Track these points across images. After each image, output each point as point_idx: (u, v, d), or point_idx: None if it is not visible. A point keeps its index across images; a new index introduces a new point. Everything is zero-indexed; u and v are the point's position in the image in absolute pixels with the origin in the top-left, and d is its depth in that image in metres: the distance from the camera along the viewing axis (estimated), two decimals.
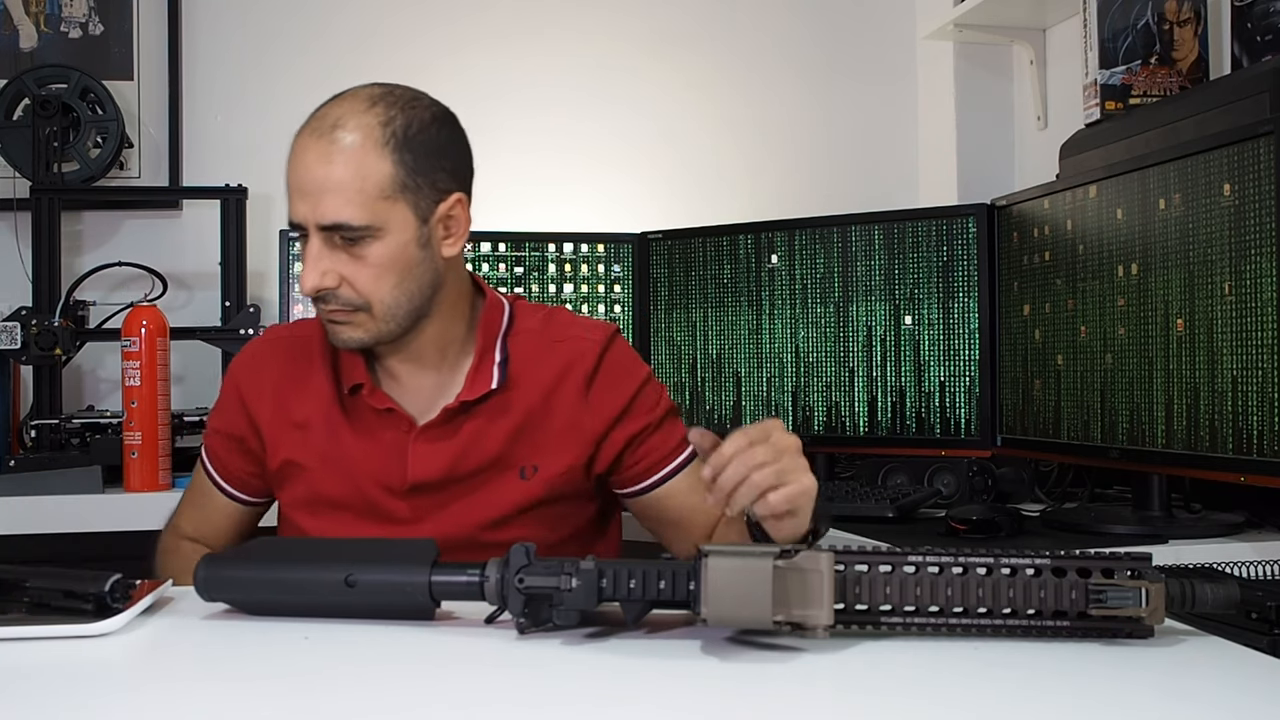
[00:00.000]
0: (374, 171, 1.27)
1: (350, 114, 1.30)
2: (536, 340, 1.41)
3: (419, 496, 1.37)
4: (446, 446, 1.36)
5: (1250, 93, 1.68)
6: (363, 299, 1.29)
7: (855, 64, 2.86)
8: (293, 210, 1.29)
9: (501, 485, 1.38)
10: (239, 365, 1.46)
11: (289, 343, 1.44)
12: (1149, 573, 0.91)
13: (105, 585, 0.97)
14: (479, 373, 1.37)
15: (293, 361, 1.42)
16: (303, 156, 1.28)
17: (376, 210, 1.27)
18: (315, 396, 1.39)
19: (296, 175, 1.29)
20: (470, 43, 2.72)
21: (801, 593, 0.88)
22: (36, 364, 2.29)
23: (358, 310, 1.30)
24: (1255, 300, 1.49)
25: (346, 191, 1.26)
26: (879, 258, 2.14)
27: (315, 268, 1.28)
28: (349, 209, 1.26)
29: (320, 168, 1.26)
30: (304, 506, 1.40)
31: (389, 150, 1.28)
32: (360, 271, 1.28)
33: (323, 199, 1.26)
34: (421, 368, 1.39)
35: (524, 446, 1.38)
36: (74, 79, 2.49)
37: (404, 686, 0.83)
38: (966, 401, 2.05)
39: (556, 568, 0.93)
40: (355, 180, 1.26)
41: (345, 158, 1.26)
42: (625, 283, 2.42)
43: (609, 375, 1.41)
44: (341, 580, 0.98)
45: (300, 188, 1.28)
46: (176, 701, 0.79)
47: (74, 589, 0.98)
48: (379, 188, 1.27)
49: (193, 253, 2.61)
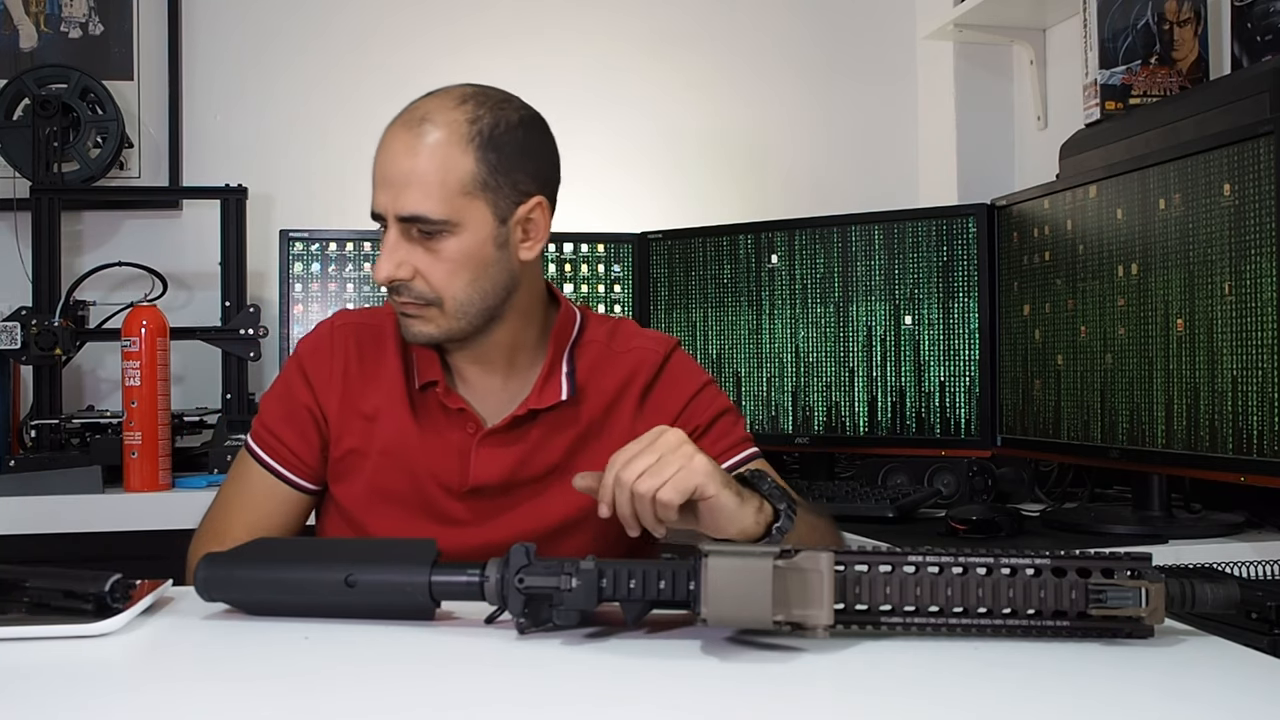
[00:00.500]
0: (456, 167, 1.28)
1: (439, 109, 1.31)
2: (602, 351, 1.42)
3: (477, 499, 1.37)
4: (510, 452, 1.37)
5: (1250, 93, 1.68)
6: (435, 293, 1.30)
7: (855, 64, 2.86)
8: (375, 200, 1.30)
9: (558, 494, 1.37)
10: (309, 350, 1.43)
11: (359, 330, 1.43)
12: (1149, 573, 0.91)
13: (105, 585, 0.97)
14: (548, 382, 1.38)
15: (363, 350, 1.41)
16: (389, 147, 1.30)
17: (455, 205, 1.28)
18: (385, 387, 1.38)
19: (381, 165, 1.30)
20: (470, 43, 2.72)
21: (801, 592, 0.88)
22: (36, 364, 2.30)
23: (429, 305, 1.31)
24: (1255, 300, 1.49)
25: (427, 185, 1.27)
26: (879, 258, 2.14)
27: (391, 258, 1.29)
28: (428, 202, 1.27)
29: (404, 159, 1.28)
30: (361, 500, 1.38)
31: (473, 148, 1.29)
32: (435, 266, 1.29)
33: (404, 190, 1.27)
34: (490, 370, 1.40)
35: (583, 457, 1.39)
36: (74, 79, 2.49)
37: (404, 686, 0.83)
38: (966, 401, 2.05)
39: (556, 568, 0.93)
40: (437, 174, 1.27)
41: (429, 151, 1.28)
42: (625, 283, 2.42)
43: (665, 385, 1.42)
44: (341, 580, 0.98)
45: (383, 178, 1.29)
46: (176, 702, 0.79)
47: (74, 589, 0.98)
48: (460, 183, 1.28)
49: (193, 253, 2.61)
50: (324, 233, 2.39)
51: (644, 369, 1.42)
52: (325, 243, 2.39)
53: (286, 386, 1.43)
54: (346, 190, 2.67)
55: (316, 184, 2.67)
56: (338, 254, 2.39)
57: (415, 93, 2.98)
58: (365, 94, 2.71)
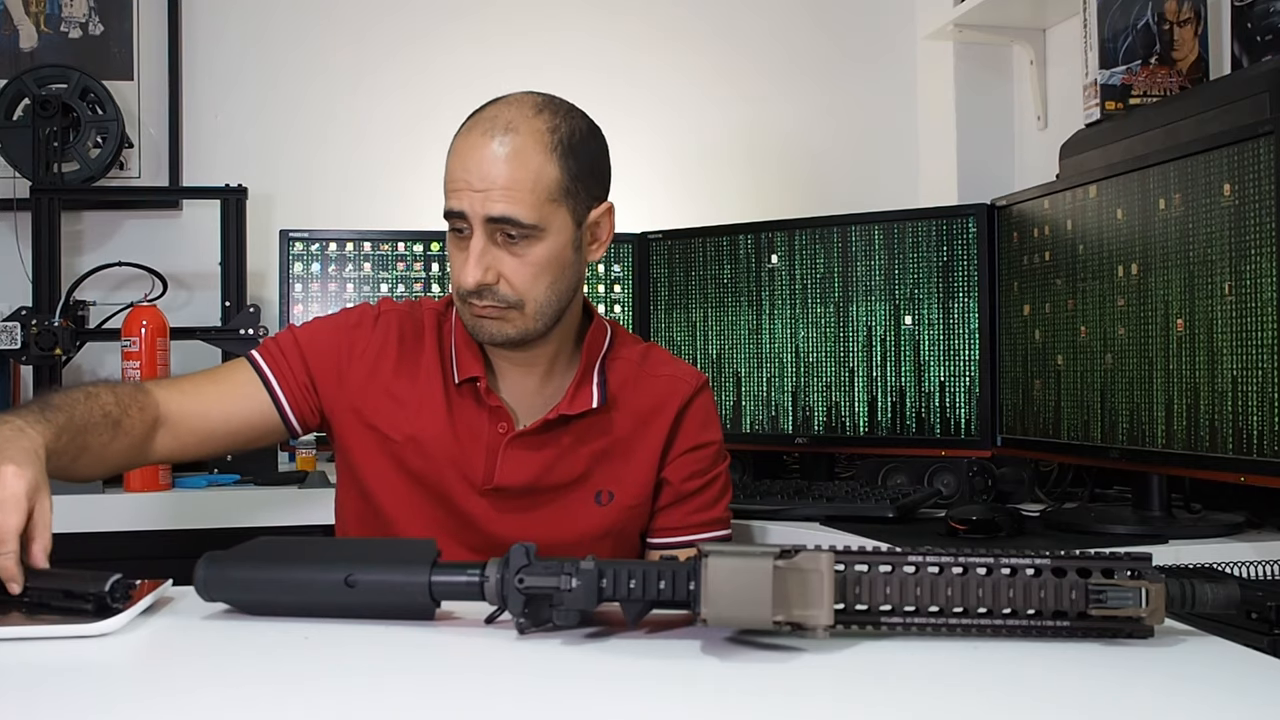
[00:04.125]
0: (545, 174, 1.33)
1: (521, 118, 1.34)
2: (635, 370, 1.47)
3: (498, 499, 1.40)
4: (537, 457, 1.41)
5: (1250, 93, 1.68)
6: (518, 296, 1.34)
7: (855, 64, 2.86)
8: (454, 202, 1.33)
9: (578, 506, 1.42)
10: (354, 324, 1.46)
11: (402, 320, 1.47)
12: (1149, 573, 0.91)
13: (105, 585, 0.97)
14: (580, 389, 1.42)
15: (404, 339, 1.45)
16: (475, 152, 1.32)
17: (544, 211, 1.33)
18: (423, 379, 1.42)
19: (465, 170, 1.32)
20: (469, 43, 2.72)
21: (801, 593, 0.88)
22: (36, 364, 2.29)
23: (510, 308, 1.34)
24: (1255, 300, 1.49)
25: (519, 190, 1.31)
26: (879, 258, 2.14)
27: (480, 263, 1.32)
28: (520, 207, 1.31)
29: (495, 165, 1.31)
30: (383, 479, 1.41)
31: (557, 155, 1.34)
32: (519, 270, 1.33)
33: (495, 194, 1.30)
34: (529, 373, 1.43)
35: (604, 471, 1.43)
36: (74, 79, 2.49)
37: (404, 686, 0.83)
38: (966, 401, 2.05)
39: (556, 568, 0.93)
40: (528, 180, 1.31)
41: (521, 159, 1.31)
42: (625, 283, 2.42)
43: (690, 423, 1.48)
44: (341, 580, 0.98)
45: (470, 182, 1.32)
46: (176, 702, 0.79)
47: (74, 589, 0.98)
48: (548, 190, 1.33)
49: (193, 253, 2.61)
50: (324, 233, 2.39)
51: (675, 399, 1.47)
52: (325, 243, 2.39)
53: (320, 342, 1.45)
54: (346, 190, 2.68)
55: (316, 184, 2.67)
56: (338, 254, 2.39)
57: (415, 92, 2.98)
58: (365, 94, 2.72)
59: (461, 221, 1.33)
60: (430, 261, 2.41)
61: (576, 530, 1.41)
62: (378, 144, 2.71)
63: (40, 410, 1.18)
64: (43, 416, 1.16)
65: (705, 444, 1.49)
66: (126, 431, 1.29)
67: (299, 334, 1.46)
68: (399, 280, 2.40)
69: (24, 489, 1.02)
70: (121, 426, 1.28)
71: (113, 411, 1.27)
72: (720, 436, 1.52)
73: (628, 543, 1.48)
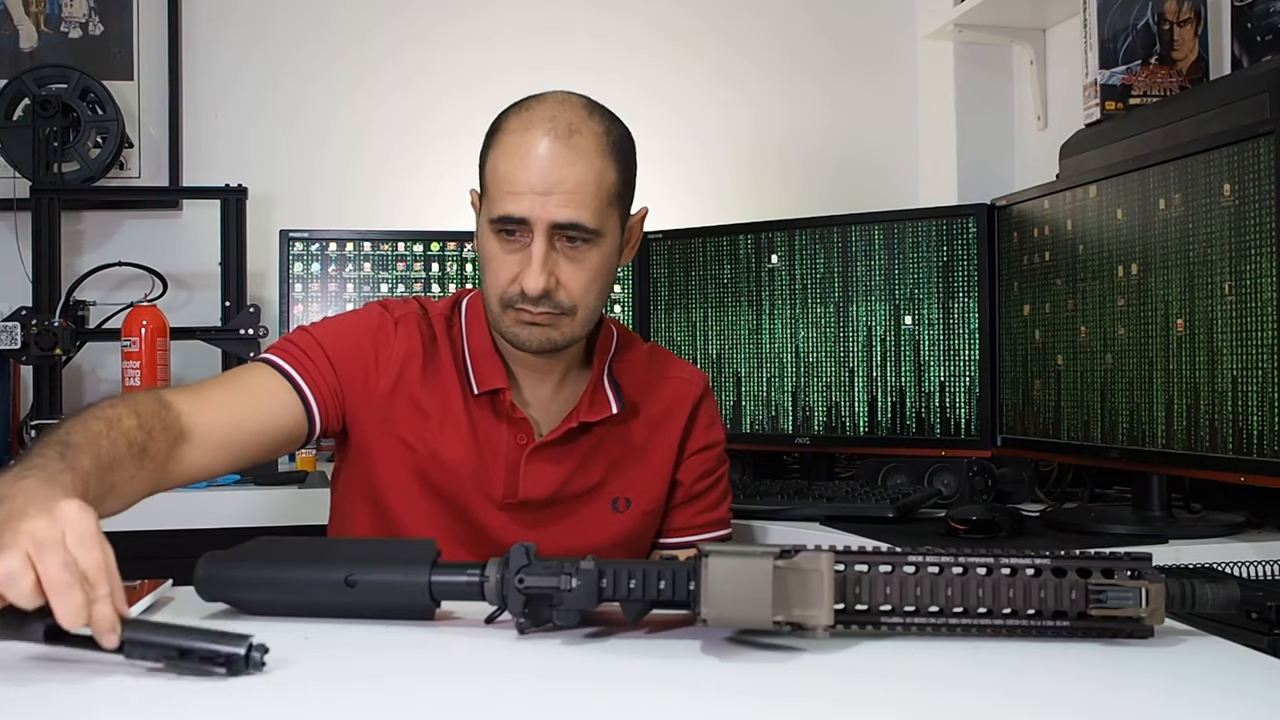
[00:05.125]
0: (606, 178, 1.30)
1: (580, 119, 1.30)
2: (644, 373, 1.45)
3: (519, 513, 1.37)
4: (559, 467, 1.38)
5: (1250, 93, 1.68)
6: (572, 303, 1.30)
7: (855, 64, 2.86)
8: (514, 206, 1.26)
9: (596, 514, 1.40)
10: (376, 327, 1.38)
11: (419, 322, 1.40)
12: (1149, 573, 0.91)
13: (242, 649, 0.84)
14: (597, 394, 1.40)
15: (425, 348, 1.39)
16: (539, 154, 1.27)
17: (604, 216, 1.30)
18: (445, 390, 1.37)
19: (527, 171, 1.26)
20: (469, 43, 2.72)
21: (801, 593, 0.88)
22: (36, 364, 2.30)
23: (563, 314, 1.31)
24: (1255, 300, 1.49)
25: (584, 195, 1.27)
26: (879, 258, 2.14)
27: (544, 269, 1.27)
28: (585, 212, 1.27)
29: (562, 168, 1.26)
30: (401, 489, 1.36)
31: (614, 159, 1.32)
32: (577, 276, 1.30)
33: (561, 199, 1.26)
34: (545, 381, 1.40)
35: (620, 478, 1.41)
36: (74, 79, 2.49)
37: (404, 687, 0.83)
38: (966, 401, 2.05)
39: (556, 568, 0.93)
40: (593, 184, 1.28)
41: (587, 163, 1.28)
42: (625, 283, 2.42)
43: (702, 420, 1.47)
44: (341, 580, 0.98)
45: (533, 185, 1.26)
46: (176, 702, 0.79)
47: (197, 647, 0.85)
48: (610, 194, 1.30)
49: (193, 253, 2.61)
50: (324, 233, 2.39)
51: (686, 401, 1.46)
52: (325, 243, 2.39)
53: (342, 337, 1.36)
54: (346, 190, 2.68)
55: (316, 184, 2.67)
56: (338, 254, 2.39)
57: (415, 92, 2.97)
58: (366, 94, 2.72)
59: (519, 226, 1.27)
60: (430, 261, 2.41)
61: (594, 540, 1.37)
62: (378, 144, 2.71)
63: (61, 453, 0.99)
64: (66, 463, 0.98)
65: (713, 444, 1.49)
66: (153, 457, 1.14)
67: (319, 336, 1.36)
68: (399, 280, 2.40)
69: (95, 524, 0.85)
70: (148, 453, 1.13)
71: (138, 438, 1.11)
72: (724, 436, 1.52)
73: (640, 550, 1.46)
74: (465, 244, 2.43)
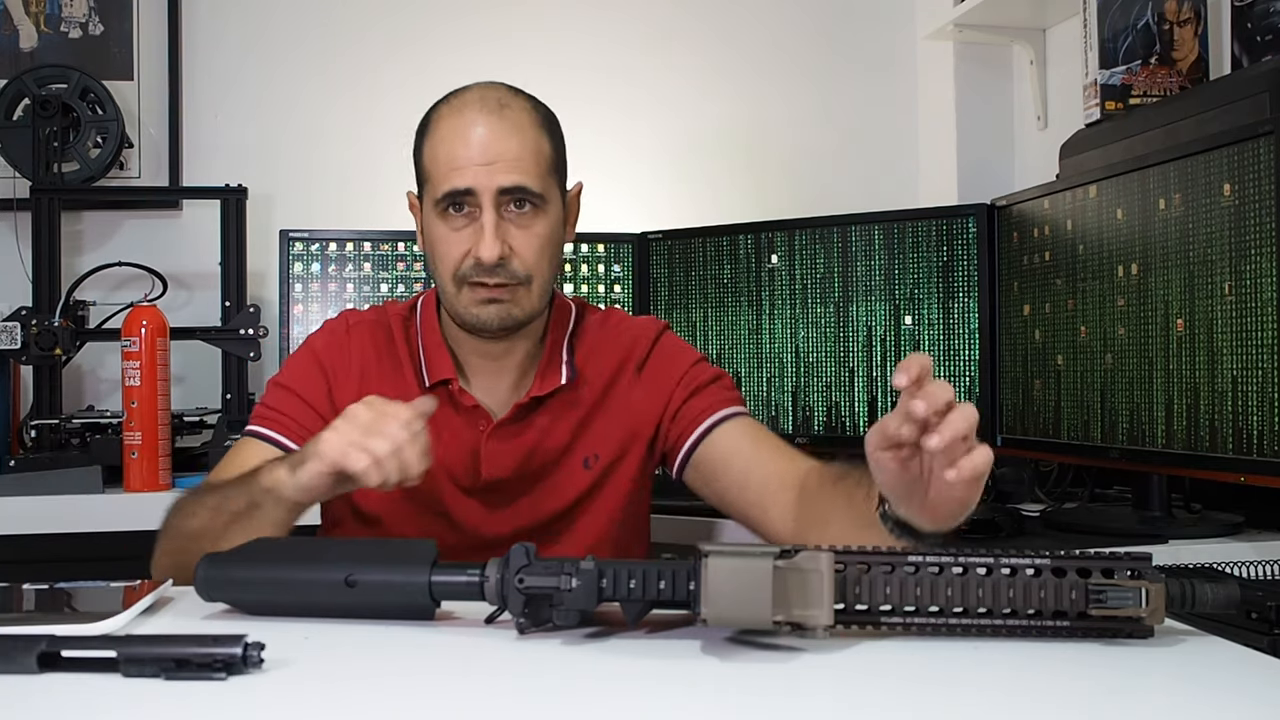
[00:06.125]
0: (542, 147, 1.35)
1: (508, 96, 1.36)
2: (596, 335, 1.47)
3: (489, 493, 1.39)
4: (519, 444, 1.40)
5: (1250, 93, 1.68)
6: (527, 271, 1.34)
7: (855, 64, 2.86)
8: (459, 180, 1.31)
9: (567, 476, 1.41)
10: (324, 345, 1.44)
11: (373, 328, 1.45)
12: (1149, 573, 0.91)
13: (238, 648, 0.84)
14: (549, 369, 1.42)
15: (378, 349, 1.44)
16: (475, 129, 1.32)
17: (546, 183, 1.35)
18: (401, 386, 1.40)
19: (469, 148, 1.32)
20: (469, 43, 2.72)
21: (801, 593, 0.88)
22: (36, 364, 2.30)
23: (520, 284, 1.34)
24: (1255, 300, 1.49)
25: (524, 161, 1.32)
26: (879, 258, 2.14)
27: (497, 235, 1.31)
28: (529, 177, 1.32)
29: (500, 137, 1.32)
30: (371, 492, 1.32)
31: (545, 131, 1.36)
32: (529, 243, 1.34)
33: (505, 165, 1.31)
34: (501, 365, 1.42)
35: (587, 437, 1.42)
36: (74, 79, 2.49)
37: (403, 687, 0.83)
38: (966, 401, 2.05)
39: (556, 568, 0.93)
40: (532, 151, 1.33)
41: (522, 132, 1.33)
42: (625, 283, 2.42)
43: (659, 358, 1.47)
44: (341, 580, 0.98)
45: (472, 158, 1.31)
46: (176, 702, 0.79)
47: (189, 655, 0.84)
48: (548, 162, 1.35)
49: (193, 253, 2.61)
50: (324, 233, 2.39)
51: (639, 345, 1.46)
52: (325, 243, 2.39)
53: (298, 375, 1.42)
54: (346, 190, 2.68)
55: (316, 184, 2.67)
56: (338, 254, 2.39)
57: (414, 92, 2.97)
58: (365, 94, 2.72)
59: (467, 199, 1.32)
60: None
61: (564, 499, 1.40)
62: (378, 144, 2.71)
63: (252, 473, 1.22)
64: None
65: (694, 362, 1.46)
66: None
67: (288, 383, 1.42)
68: (399, 280, 2.40)
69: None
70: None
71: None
72: (698, 354, 1.49)
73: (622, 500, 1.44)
74: None
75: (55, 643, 0.85)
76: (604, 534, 1.43)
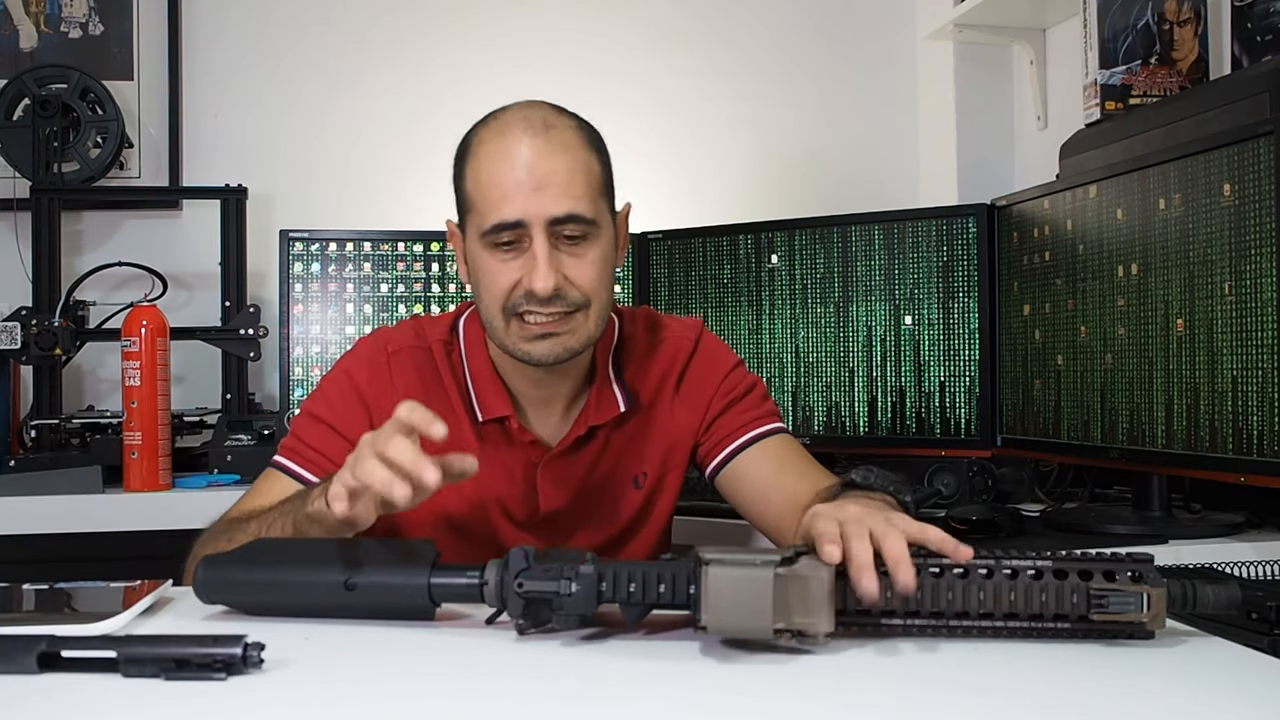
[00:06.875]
0: (593, 168, 1.27)
1: (553, 116, 1.28)
2: (638, 348, 1.42)
3: (547, 527, 1.36)
4: (572, 473, 1.36)
5: (1250, 93, 1.68)
6: (584, 296, 1.26)
7: (855, 64, 2.86)
8: (508, 210, 1.23)
9: (621, 499, 1.39)
10: (366, 378, 1.35)
11: (415, 356, 1.37)
12: (1151, 576, 0.91)
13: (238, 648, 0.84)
14: (602, 394, 1.37)
15: (424, 381, 1.35)
16: (523, 153, 1.23)
17: (598, 206, 1.27)
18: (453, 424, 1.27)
19: (515, 171, 1.23)
20: (468, 43, 2.72)
21: (802, 600, 0.88)
22: (36, 364, 2.30)
23: (577, 311, 1.26)
24: (1255, 300, 1.49)
25: (575, 185, 1.24)
26: (879, 258, 2.14)
27: (552, 265, 1.23)
28: (581, 202, 1.24)
29: (547, 162, 1.23)
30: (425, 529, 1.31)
31: (594, 152, 1.29)
32: (583, 270, 1.25)
33: (555, 192, 1.23)
34: (554, 394, 1.36)
35: (634, 457, 1.40)
36: (74, 79, 2.49)
37: (403, 687, 0.83)
38: (966, 401, 2.05)
39: (556, 571, 0.93)
40: (582, 174, 1.25)
41: (570, 155, 1.25)
42: (625, 283, 2.42)
43: (697, 369, 1.43)
44: (341, 583, 0.98)
45: (522, 184, 1.23)
46: (176, 702, 0.79)
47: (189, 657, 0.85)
48: (599, 184, 1.28)
49: (193, 253, 2.61)
50: (324, 233, 2.39)
51: (679, 358, 1.43)
52: (325, 243, 2.38)
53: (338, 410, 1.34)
54: (346, 190, 2.68)
55: (316, 184, 2.67)
56: (338, 254, 2.39)
57: (414, 91, 2.96)
58: (365, 93, 2.71)
59: (515, 231, 1.23)
60: (430, 261, 2.41)
61: (620, 522, 1.38)
62: (378, 143, 2.71)
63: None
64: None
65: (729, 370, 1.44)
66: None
67: (323, 415, 1.34)
68: (399, 280, 2.40)
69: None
70: None
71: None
72: (735, 359, 1.46)
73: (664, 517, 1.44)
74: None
75: (55, 643, 0.85)
76: (650, 548, 1.42)
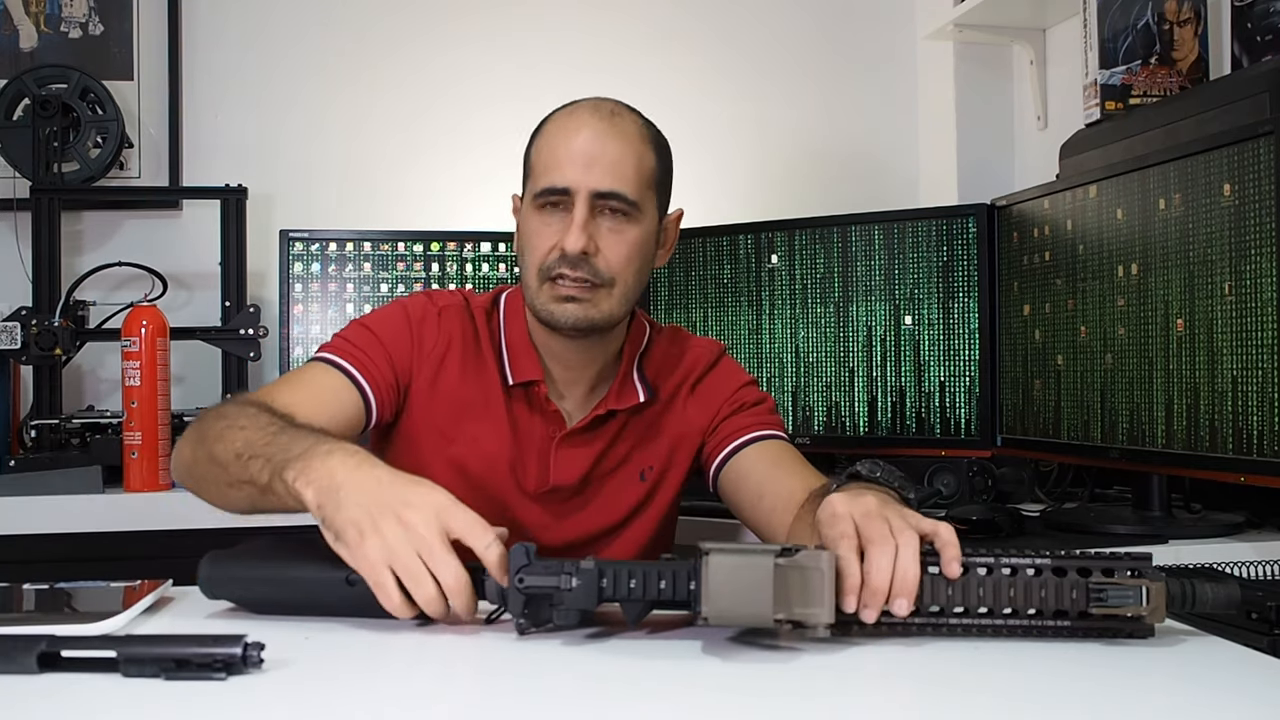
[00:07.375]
0: (646, 159, 1.36)
1: (622, 109, 1.39)
2: (662, 353, 1.50)
3: (551, 500, 1.41)
4: (587, 452, 1.42)
5: (1250, 93, 1.68)
6: (610, 273, 1.34)
7: (856, 64, 2.86)
8: (557, 177, 1.32)
9: (624, 488, 1.44)
10: (419, 315, 1.42)
11: (461, 315, 1.44)
12: (1149, 572, 0.91)
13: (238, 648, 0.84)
14: (625, 385, 1.44)
15: (465, 338, 1.43)
16: (582, 129, 1.34)
17: (643, 193, 1.35)
18: (485, 382, 1.41)
19: (572, 145, 1.33)
20: (468, 42, 2.72)
21: (802, 591, 0.88)
22: (36, 364, 2.30)
23: (600, 286, 1.34)
24: (1255, 300, 1.49)
25: (625, 168, 1.33)
26: (879, 258, 2.14)
27: (583, 231, 1.31)
28: (627, 184, 1.33)
29: (604, 141, 1.33)
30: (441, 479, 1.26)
31: (652, 147, 1.38)
32: (615, 246, 1.34)
33: (603, 168, 1.32)
34: (580, 374, 1.43)
35: (644, 451, 1.45)
36: (74, 79, 2.49)
37: (404, 686, 0.83)
38: (966, 401, 2.05)
39: (556, 568, 0.93)
40: (634, 160, 1.34)
41: (627, 140, 1.35)
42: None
43: (714, 377, 1.50)
44: (343, 579, 0.98)
45: (575, 157, 1.32)
46: (176, 702, 0.79)
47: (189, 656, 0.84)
48: (649, 174, 1.36)
49: (193, 253, 2.61)
50: (324, 233, 2.39)
51: (699, 365, 1.50)
52: (325, 243, 2.39)
53: (389, 328, 1.41)
54: (346, 190, 2.68)
55: (316, 184, 2.67)
56: (338, 254, 2.39)
57: (414, 91, 2.97)
58: (365, 93, 2.71)
59: (561, 197, 1.32)
60: (430, 261, 2.41)
61: (621, 511, 1.43)
62: (378, 143, 2.71)
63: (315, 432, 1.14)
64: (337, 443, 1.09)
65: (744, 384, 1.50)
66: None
67: (374, 328, 1.40)
68: (399, 280, 2.40)
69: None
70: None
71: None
72: (750, 377, 1.53)
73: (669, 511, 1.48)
74: (465, 244, 2.43)
75: (55, 643, 0.85)
76: (646, 543, 1.45)
